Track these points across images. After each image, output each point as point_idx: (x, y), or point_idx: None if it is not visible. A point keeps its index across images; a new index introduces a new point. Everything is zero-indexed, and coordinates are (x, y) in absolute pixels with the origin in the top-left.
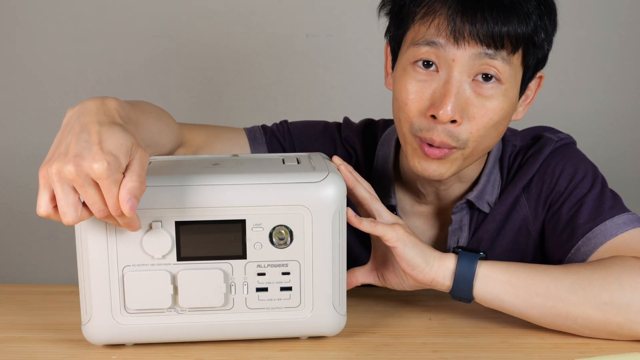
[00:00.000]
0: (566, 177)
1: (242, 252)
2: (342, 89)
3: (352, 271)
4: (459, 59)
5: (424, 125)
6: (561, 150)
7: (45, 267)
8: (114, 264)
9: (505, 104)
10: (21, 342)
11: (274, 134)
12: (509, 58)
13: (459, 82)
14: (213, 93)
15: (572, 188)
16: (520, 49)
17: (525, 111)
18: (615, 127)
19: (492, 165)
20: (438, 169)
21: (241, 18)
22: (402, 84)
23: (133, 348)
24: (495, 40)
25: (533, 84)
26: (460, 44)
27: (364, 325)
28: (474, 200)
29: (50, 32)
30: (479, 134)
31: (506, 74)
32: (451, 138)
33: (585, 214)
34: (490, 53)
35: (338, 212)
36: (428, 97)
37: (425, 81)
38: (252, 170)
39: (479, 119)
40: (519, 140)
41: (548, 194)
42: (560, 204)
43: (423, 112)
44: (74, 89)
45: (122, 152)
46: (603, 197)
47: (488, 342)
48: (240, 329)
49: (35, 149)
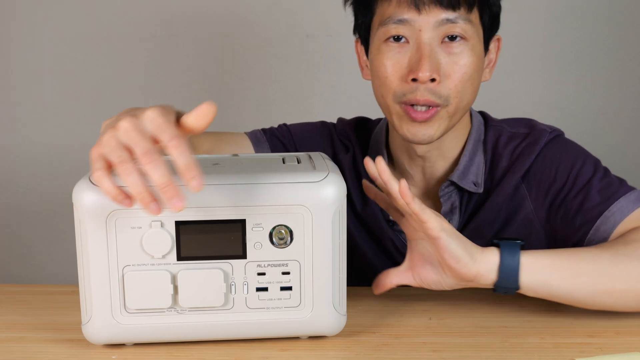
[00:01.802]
0: (566, 166)
1: (242, 252)
2: (342, 89)
3: (386, 273)
4: (425, 27)
5: (406, 89)
6: (556, 140)
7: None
8: (114, 264)
9: (474, 58)
10: (21, 342)
11: (274, 134)
12: (468, 17)
13: (429, 46)
14: (213, 93)
15: (575, 176)
16: (476, 8)
17: (491, 73)
18: (615, 127)
19: (473, 146)
20: (427, 131)
21: (241, 18)
22: (380, 61)
23: (133, 348)
24: (452, 2)
25: (493, 46)
26: (422, 10)
27: (364, 325)
28: (457, 180)
29: (50, 32)
30: (457, 90)
31: (469, 31)
32: (434, 95)
33: (595, 197)
34: (451, 18)
35: (338, 212)
36: (405, 65)
37: (399, 52)
38: (252, 170)
39: (454, 75)
40: (506, 125)
41: (549, 185)
42: (566, 193)
43: (403, 78)
44: (74, 89)
45: (171, 108)
46: (608, 178)
47: (488, 342)
48: (240, 328)
49: (35, 149)
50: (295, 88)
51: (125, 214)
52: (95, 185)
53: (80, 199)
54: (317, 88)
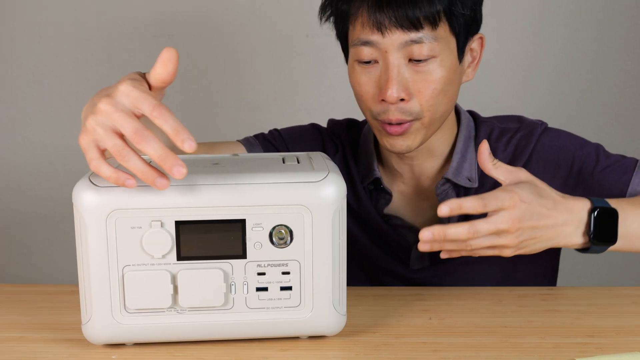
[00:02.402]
0: (568, 152)
1: (242, 252)
2: (342, 89)
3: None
4: (390, 48)
5: (379, 109)
6: (549, 130)
7: (45, 267)
8: (114, 264)
9: (444, 72)
10: (21, 342)
11: (267, 138)
12: (433, 34)
13: (396, 67)
14: (212, 93)
15: (581, 158)
16: (444, 22)
17: (474, 71)
18: (615, 127)
19: (464, 143)
20: (404, 142)
21: (241, 18)
22: (354, 79)
23: (133, 348)
24: (414, 23)
25: (476, 45)
26: (385, 34)
27: (364, 325)
28: (451, 177)
29: (50, 32)
30: (429, 104)
31: (436, 49)
32: (404, 114)
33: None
34: (415, 39)
35: (338, 212)
36: (375, 85)
37: (369, 72)
38: (252, 169)
39: (424, 92)
40: (495, 121)
41: (553, 171)
42: (576, 177)
43: (375, 99)
44: (74, 89)
45: (140, 76)
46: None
47: (488, 342)
48: (240, 328)
49: (35, 149)
50: (295, 88)
51: (125, 214)
52: (95, 185)
53: (80, 199)
54: (317, 88)
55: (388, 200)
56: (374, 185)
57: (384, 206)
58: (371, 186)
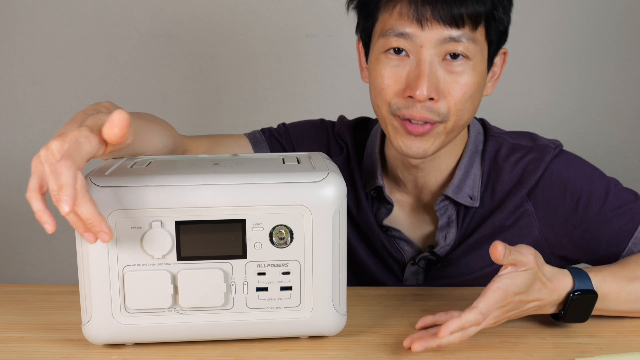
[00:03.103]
0: (576, 186)
1: (242, 252)
2: (342, 89)
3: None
4: (427, 43)
5: (402, 104)
6: (561, 156)
7: (45, 267)
8: (114, 264)
9: (475, 78)
10: (21, 342)
11: (273, 134)
12: (472, 35)
13: (429, 64)
14: (213, 93)
15: (587, 197)
16: (482, 25)
17: (493, 87)
18: (615, 127)
19: (469, 159)
20: (422, 145)
21: (241, 18)
22: (377, 71)
23: (133, 348)
24: (457, 20)
25: (498, 60)
26: (424, 26)
27: (364, 325)
28: (451, 195)
29: (50, 32)
30: (457, 108)
31: (472, 50)
32: (431, 113)
33: (619, 219)
34: (454, 36)
35: (338, 212)
36: (403, 80)
37: (398, 66)
38: (252, 170)
39: (454, 94)
40: (507, 136)
41: (557, 204)
42: (581, 216)
43: (400, 93)
44: (74, 89)
45: (100, 125)
46: (622, 194)
47: (488, 342)
48: (240, 328)
49: (35, 149)
50: (295, 88)
51: (125, 214)
52: (96, 185)
53: None
54: (317, 88)
55: (389, 210)
56: (376, 193)
57: (385, 216)
58: (374, 193)
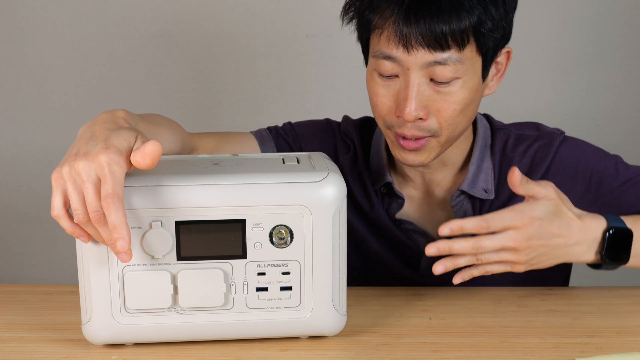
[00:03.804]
0: (586, 166)
1: (242, 252)
2: (342, 89)
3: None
4: (413, 66)
5: (394, 121)
6: (567, 141)
7: (45, 267)
8: (114, 264)
9: (465, 94)
10: (21, 342)
11: (279, 133)
12: (459, 56)
13: (417, 85)
14: (213, 93)
15: (599, 174)
16: (472, 42)
17: (497, 84)
18: (615, 127)
19: (480, 153)
20: (417, 158)
21: (241, 18)
22: (371, 87)
23: (133, 348)
24: (441, 43)
25: (502, 59)
26: (410, 51)
27: (364, 325)
28: (466, 189)
29: (50, 32)
30: (448, 123)
31: (460, 71)
32: (421, 130)
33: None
34: (439, 60)
35: (338, 212)
36: (393, 99)
37: (388, 85)
38: (252, 170)
39: (443, 112)
40: (512, 128)
41: (570, 186)
42: (594, 193)
43: (392, 112)
44: (74, 89)
45: (126, 146)
46: (627, 165)
47: (488, 342)
48: (240, 328)
49: (35, 150)
50: (295, 88)
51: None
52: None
53: None
54: (317, 88)
55: (400, 205)
56: (387, 189)
57: (396, 210)
58: (384, 189)
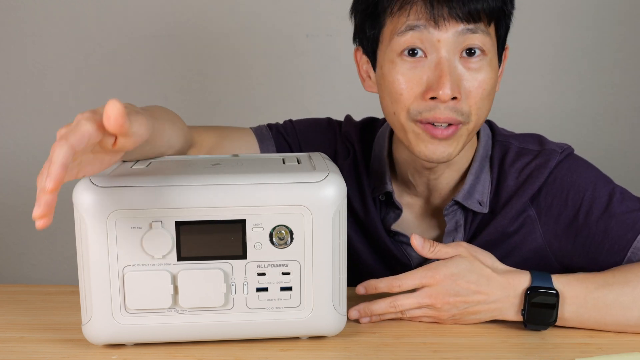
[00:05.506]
0: (578, 192)
1: (242, 252)
2: (342, 89)
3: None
4: (444, 39)
5: (423, 107)
6: (567, 161)
7: (45, 267)
8: (114, 264)
9: (492, 74)
10: (21, 342)
11: (279, 131)
12: (487, 29)
13: (449, 62)
14: (213, 93)
15: (589, 203)
16: (494, 21)
17: (499, 81)
18: (615, 127)
19: (480, 163)
20: (446, 149)
21: (241, 18)
22: (393, 76)
23: (133, 348)
24: (474, 16)
25: (504, 53)
26: (441, 25)
27: (364, 325)
28: (461, 200)
29: (50, 32)
30: (477, 107)
31: (488, 45)
32: (456, 113)
33: (618, 226)
34: (471, 28)
35: (338, 212)
36: (423, 82)
37: (415, 67)
38: (252, 170)
39: (474, 92)
40: (514, 140)
41: (560, 210)
42: (582, 222)
43: (420, 96)
44: (74, 89)
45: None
46: (626, 201)
47: (488, 342)
48: (240, 329)
49: (35, 149)
50: (295, 88)
51: (125, 214)
52: (95, 185)
53: (81, 199)
54: (317, 88)
55: (398, 215)
56: (385, 198)
57: (393, 221)
58: (382, 197)
